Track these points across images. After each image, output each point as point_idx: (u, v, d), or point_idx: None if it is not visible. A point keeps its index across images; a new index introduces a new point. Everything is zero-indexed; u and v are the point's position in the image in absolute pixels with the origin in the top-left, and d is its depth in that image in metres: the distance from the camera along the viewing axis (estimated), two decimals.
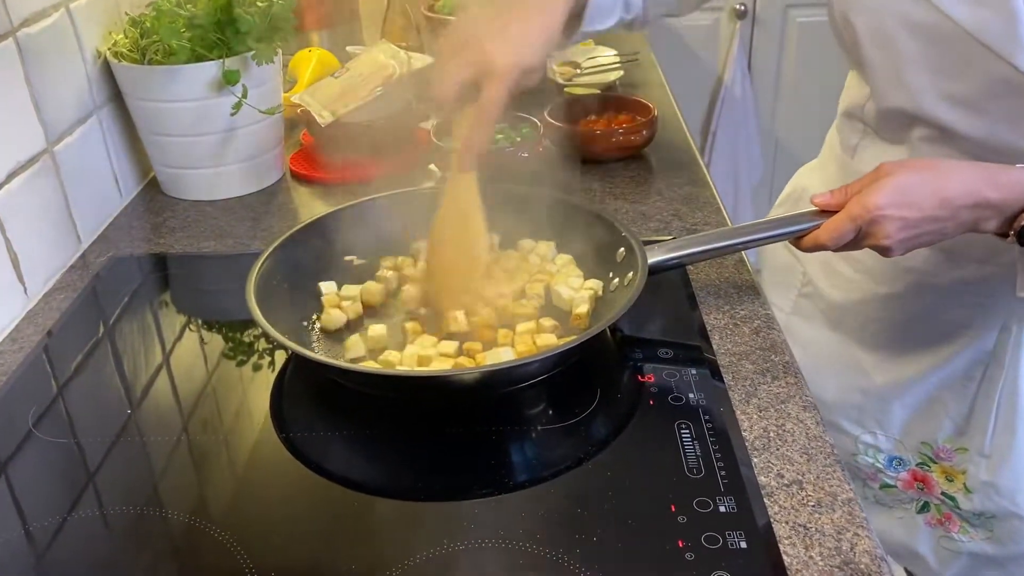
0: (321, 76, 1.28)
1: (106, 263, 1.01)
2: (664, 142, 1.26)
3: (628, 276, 0.82)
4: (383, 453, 0.72)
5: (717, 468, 0.66)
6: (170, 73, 1.04)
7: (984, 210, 0.71)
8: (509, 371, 0.73)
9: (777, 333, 0.83)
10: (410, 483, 0.69)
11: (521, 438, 0.72)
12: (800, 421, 0.72)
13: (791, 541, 0.61)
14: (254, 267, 0.82)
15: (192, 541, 0.63)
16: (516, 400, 0.75)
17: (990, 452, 0.92)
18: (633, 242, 0.83)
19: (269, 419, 0.75)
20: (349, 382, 0.76)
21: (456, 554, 0.60)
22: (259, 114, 1.10)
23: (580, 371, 0.79)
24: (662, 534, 0.61)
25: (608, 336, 0.83)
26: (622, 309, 0.74)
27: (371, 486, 0.69)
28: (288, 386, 0.79)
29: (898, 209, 0.71)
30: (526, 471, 0.69)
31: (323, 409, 0.77)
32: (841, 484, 0.66)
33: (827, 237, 0.75)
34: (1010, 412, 0.90)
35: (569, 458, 0.69)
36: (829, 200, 0.77)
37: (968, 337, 0.91)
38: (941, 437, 0.95)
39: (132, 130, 1.14)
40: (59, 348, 0.87)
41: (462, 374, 0.73)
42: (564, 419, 0.73)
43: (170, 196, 1.16)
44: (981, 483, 0.93)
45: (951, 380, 0.93)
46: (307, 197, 1.17)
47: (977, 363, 0.91)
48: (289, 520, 0.65)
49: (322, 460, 0.70)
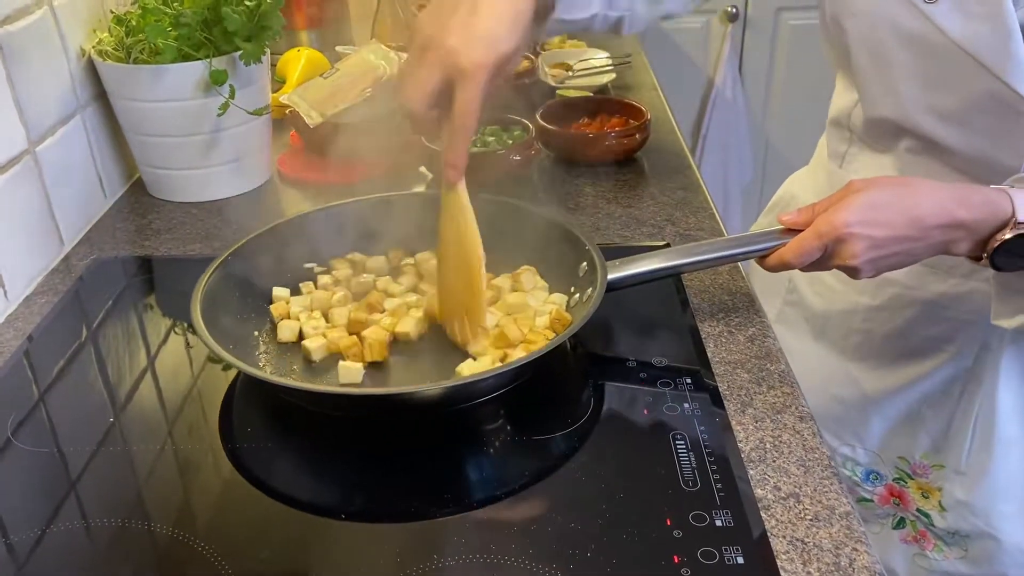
0: (310, 76, 1.26)
1: (89, 265, 0.99)
2: (657, 146, 1.25)
3: (588, 292, 0.80)
4: (366, 468, 0.71)
5: (713, 480, 0.65)
6: (156, 73, 1.02)
7: (956, 231, 0.70)
8: (468, 386, 0.72)
9: (772, 341, 0.82)
10: (401, 499, 0.67)
11: (512, 449, 0.71)
12: (796, 432, 0.71)
13: (788, 556, 0.60)
14: (205, 273, 0.81)
15: (175, 554, 0.62)
16: (504, 410, 0.74)
17: (966, 470, 0.91)
18: (596, 257, 0.81)
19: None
20: (298, 400, 0.75)
21: (445, 569, 0.59)
22: (246, 115, 1.08)
23: (572, 380, 0.78)
24: (657, 549, 0.60)
25: (588, 345, 0.82)
26: (576, 326, 0.72)
27: (354, 502, 0.67)
28: (239, 398, 0.78)
29: (866, 228, 0.69)
30: (516, 484, 0.67)
31: (278, 423, 0.75)
32: (839, 497, 0.65)
33: (792, 255, 0.73)
34: (987, 431, 0.89)
35: (561, 469, 0.68)
36: (796, 218, 0.75)
37: (948, 353, 0.89)
38: (918, 453, 0.94)
39: (117, 130, 1.12)
40: (40, 353, 0.85)
41: (423, 391, 0.72)
42: (556, 430, 0.72)
43: (156, 197, 1.14)
44: (956, 501, 0.92)
45: (930, 395, 0.92)
46: (296, 199, 1.15)
47: (956, 380, 0.90)
48: (272, 532, 0.64)
49: (268, 476, 0.69)
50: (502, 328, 0.78)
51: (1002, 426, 0.88)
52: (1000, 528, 0.90)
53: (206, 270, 0.81)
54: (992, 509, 0.90)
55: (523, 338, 0.77)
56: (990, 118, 0.75)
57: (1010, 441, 0.88)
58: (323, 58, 1.39)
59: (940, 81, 0.76)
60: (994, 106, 0.73)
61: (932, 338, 0.90)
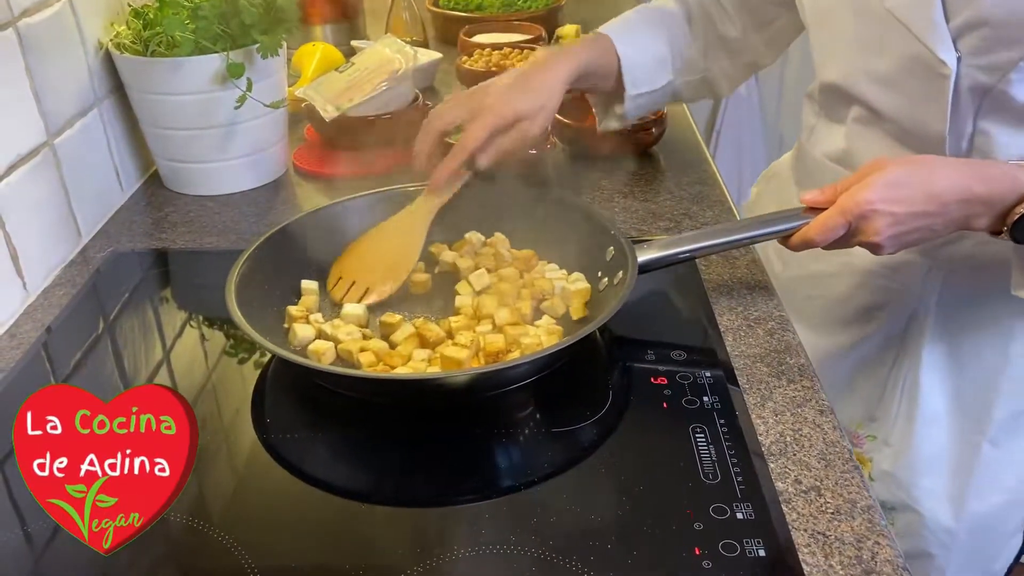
0: (325, 71, 1.26)
1: (107, 258, 0.99)
2: (673, 140, 1.25)
3: (618, 275, 0.80)
4: (389, 456, 0.70)
5: (733, 473, 0.65)
6: (173, 65, 1.02)
7: (974, 205, 0.70)
8: (504, 371, 0.72)
9: (792, 335, 0.82)
10: (423, 488, 0.67)
11: (531, 440, 0.70)
12: (817, 426, 0.71)
13: (810, 549, 0.59)
14: (238, 260, 0.81)
15: (191, 543, 0.62)
16: (526, 400, 0.74)
17: (892, 442, 0.92)
18: (623, 241, 0.82)
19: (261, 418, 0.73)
20: (335, 385, 0.74)
21: (466, 560, 0.59)
22: (263, 108, 1.08)
23: (591, 372, 0.78)
24: (678, 541, 0.59)
25: (606, 335, 0.82)
26: (614, 308, 0.73)
27: (380, 489, 0.67)
28: (271, 385, 0.78)
29: (888, 205, 0.70)
30: (536, 474, 0.67)
31: (308, 409, 0.76)
32: (860, 491, 0.64)
33: (816, 233, 0.74)
34: (911, 405, 0.90)
35: (581, 461, 0.67)
36: (818, 197, 0.76)
37: (880, 320, 0.92)
38: (854, 422, 0.96)
39: (134, 123, 1.12)
40: (58, 344, 0.85)
41: (457, 375, 0.72)
42: (576, 422, 0.71)
43: (172, 191, 1.14)
44: (882, 472, 0.93)
45: (865, 362, 0.94)
46: (311, 192, 1.15)
47: (888, 347, 0.92)
48: (291, 523, 0.63)
49: (302, 463, 0.69)
50: (479, 302, 0.81)
51: (925, 401, 0.90)
52: (921, 503, 0.91)
53: (237, 260, 0.81)
54: (914, 483, 0.91)
55: (493, 318, 0.79)
56: (917, 81, 0.77)
57: (933, 417, 0.90)
58: (338, 53, 1.39)
59: (875, 45, 0.79)
60: (919, 69, 0.76)
61: (867, 305, 0.93)
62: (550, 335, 0.77)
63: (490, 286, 0.85)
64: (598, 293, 0.83)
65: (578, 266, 0.87)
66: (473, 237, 0.93)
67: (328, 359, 0.76)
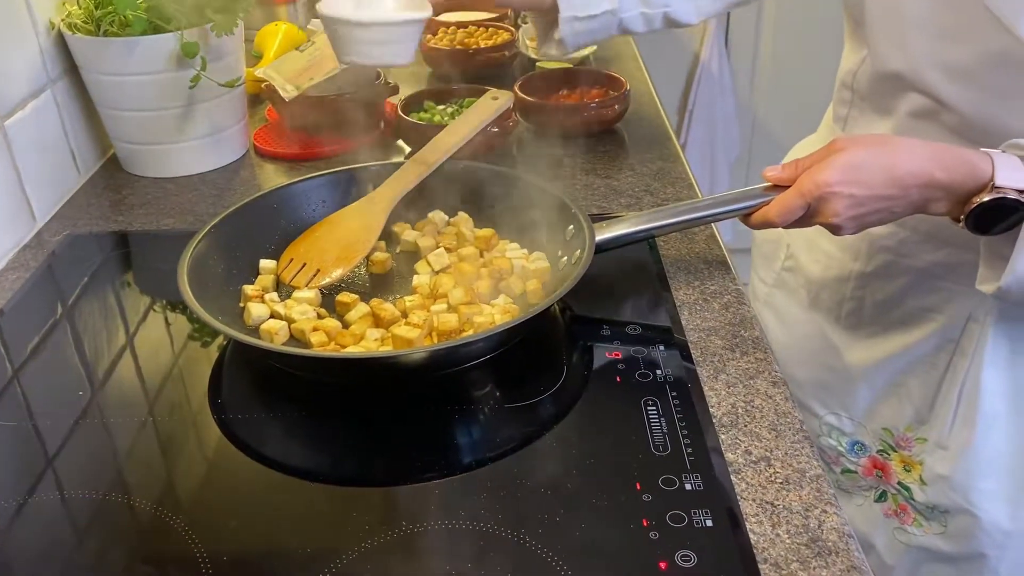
0: (287, 51, 1.24)
1: (63, 241, 0.98)
2: (637, 117, 1.24)
3: (576, 254, 0.80)
4: (343, 435, 0.70)
5: (684, 445, 0.65)
6: (127, 46, 1.01)
7: (933, 190, 0.70)
8: (454, 350, 0.71)
9: (747, 308, 0.82)
10: (368, 466, 0.67)
11: (482, 416, 0.70)
12: (769, 397, 0.71)
13: (758, 519, 0.60)
14: (192, 241, 0.80)
15: (152, 528, 0.61)
16: (480, 378, 0.74)
17: (948, 444, 0.90)
18: (582, 219, 0.82)
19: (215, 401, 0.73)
20: (290, 366, 0.74)
21: (415, 536, 0.59)
22: (219, 88, 1.07)
23: (546, 348, 0.78)
24: (626, 513, 0.60)
25: (567, 313, 0.82)
26: (568, 286, 0.73)
27: (331, 469, 0.67)
28: (228, 366, 0.78)
29: (847, 187, 0.70)
30: (488, 450, 0.67)
31: (264, 389, 0.75)
32: (809, 460, 0.65)
33: (775, 213, 0.74)
34: (971, 406, 0.88)
35: (533, 436, 0.68)
36: (780, 174, 0.76)
37: (936, 323, 0.89)
38: (902, 424, 0.94)
39: (90, 105, 1.11)
40: (13, 329, 0.84)
41: (407, 354, 0.71)
42: (529, 397, 0.71)
43: (130, 173, 1.13)
44: (936, 475, 0.91)
45: (916, 365, 0.91)
46: (271, 173, 1.14)
47: (942, 350, 0.89)
48: (243, 503, 0.63)
49: (258, 443, 0.69)
50: (436, 281, 0.81)
51: (986, 402, 0.87)
52: (979, 505, 0.89)
53: (191, 241, 0.81)
54: (972, 486, 0.89)
55: (447, 295, 0.79)
56: (999, 75, 0.73)
57: (994, 417, 0.88)
58: (301, 32, 1.37)
59: (954, 35, 0.75)
60: (1004, 62, 0.72)
61: (921, 308, 0.90)
62: (504, 314, 0.77)
63: (450, 266, 0.85)
64: (558, 271, 0.83)
65: (540, 245, 0.87)
66: (436, 216, 0.92)
67: (281, 339, 0.76)
